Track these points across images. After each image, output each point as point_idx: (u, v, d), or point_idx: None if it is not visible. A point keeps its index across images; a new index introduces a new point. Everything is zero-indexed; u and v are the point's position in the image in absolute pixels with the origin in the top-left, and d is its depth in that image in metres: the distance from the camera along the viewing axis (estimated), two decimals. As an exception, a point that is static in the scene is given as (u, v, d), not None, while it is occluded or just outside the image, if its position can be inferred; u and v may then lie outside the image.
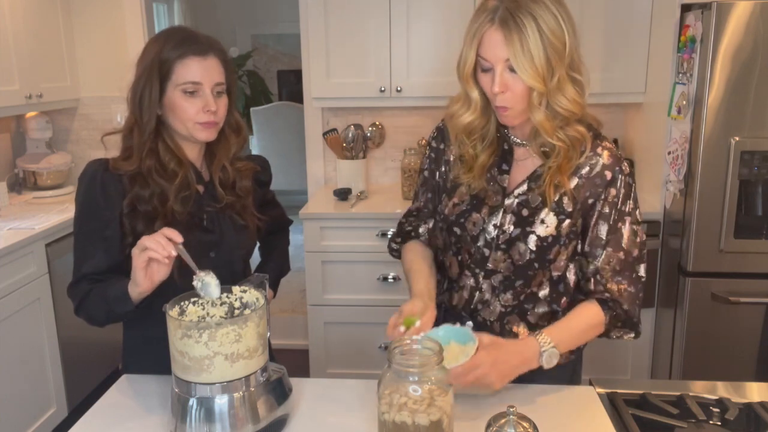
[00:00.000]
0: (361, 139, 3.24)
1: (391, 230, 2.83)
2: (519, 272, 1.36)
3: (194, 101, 1.37)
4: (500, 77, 1.24)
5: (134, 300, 1.29)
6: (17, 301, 2.55)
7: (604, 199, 1.32)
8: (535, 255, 1.33)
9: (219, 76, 1.40)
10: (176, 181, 1.39)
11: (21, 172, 3.36)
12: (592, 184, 1.32)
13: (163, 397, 1.32)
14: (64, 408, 2.83)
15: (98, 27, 3.43)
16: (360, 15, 2.93)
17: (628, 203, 1.34)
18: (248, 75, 6.82)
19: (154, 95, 1.37)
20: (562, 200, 1.32)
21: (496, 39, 1.22)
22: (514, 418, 0.99)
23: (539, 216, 1.32)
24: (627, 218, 1.33)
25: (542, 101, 1.25)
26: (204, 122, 1.38)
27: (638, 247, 1.34)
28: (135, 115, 1.39)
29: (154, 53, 1.37)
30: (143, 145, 1.39)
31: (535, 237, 1.32)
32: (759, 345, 2.48)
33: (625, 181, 1.33)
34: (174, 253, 1.21)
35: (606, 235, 1.33)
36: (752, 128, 2.36)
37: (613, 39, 2.84)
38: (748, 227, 2.42)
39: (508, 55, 1.21)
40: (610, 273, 1.33)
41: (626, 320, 1.36)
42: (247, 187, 1.52)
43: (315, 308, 2.97)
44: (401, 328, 1.25)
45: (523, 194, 1.34)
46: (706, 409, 1.27)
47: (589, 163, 1.33)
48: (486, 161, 1.37)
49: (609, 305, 1.34)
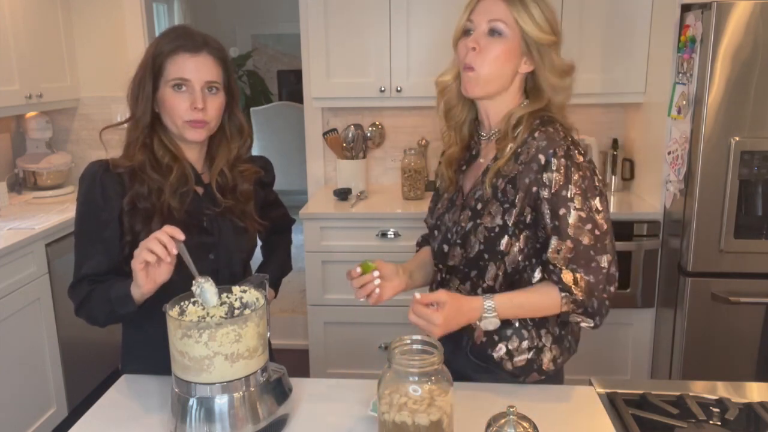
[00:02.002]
0: (361, 139, 3.24)
1: (392, 230, 2.84)
2: (471, 264, 1.35)
3: (183, 98, 1.36)
4: (477, 33, 1.29)
5: (137, 301, 1.29)
6: (17, 301, 2.54)
7: (542, 184, 1.26)
8: (483, 246, 1.32)
9: (211, 75, 1.38)
10: (171, 176, 1.39)
11: (21, 172, 3.36)
12: (529, 170, 1.28)
13: (163, 397, 1.32)
14: (64, 408, 2.83)
15: (98, 27, 3.43)
16: (360, 15, 2.93)
17: (569, 188, 1.25)
18: (248, 75, 6.81)
19: (148, 90, 1.37)
20: (506, 189, 1.30)
21: (487, 3, 1.29)
22: (514, 418, 0.99)
23: (487, 208, 1.32)
24: (570, 204, 1.25)
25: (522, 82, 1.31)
26: (192, 120, 1.37)
27: (590, 236, 1.26)
28: (131, 110, 1.41)
29: (152, 51, 1.39)
30: (136, 140, 1.40)
31: (482, 228, 1.32)
32: (759, 345, 2.48)
33: (562, 163, 1.25)
34: (175, 251, 1.20)
35: (550, 222, 1.27)
36: (752, 128, 2.36)
37: (613, 39, 2.84)
38: (748, 227, 2.42)
39: (502, 16, 1.27)
40: (562, 261, 1.26)
41: (584, 310, 1.29)
42: (248, 191, 1.51)
43: (315, 308, 2.97)
44: (357, 269, 1.33)
45: (479, 189, 1.35)
46: (706, 409, 1.27)
47: (526, 149, 1.29)
48: (455, 155, 1.43)
49: (567, 288, 1.28)
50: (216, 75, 1.39)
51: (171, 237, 1.20)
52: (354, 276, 1.34)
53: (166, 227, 1.22)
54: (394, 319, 2.74)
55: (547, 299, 1.29)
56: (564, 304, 1.28)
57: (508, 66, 1.30)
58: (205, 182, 1.48)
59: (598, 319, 1.30)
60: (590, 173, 1.28)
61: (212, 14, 7.02)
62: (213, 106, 1.39)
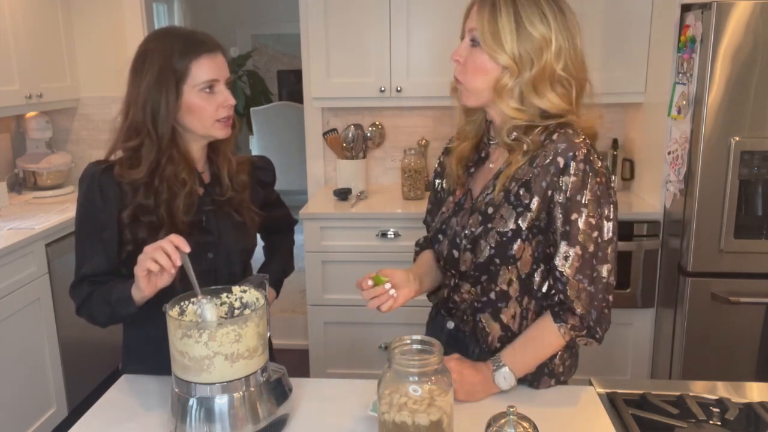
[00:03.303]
0: (361, 139, 3.24)
1: (392, 230, 2.84)
2: (481, 268, 1.33)
3: (213, 99, 1.38)
4: (460, 46, 1.30)
5: (137, 303, 1.29)
6: (17, 301, 2.54)
7: (558, 188, 1.24)
8: (494, 251, 1.30)
9: (228, 71, 1.42)
10: (185, 190, 1.38)
11: (21, 172, 3.36)
12: (546, 173, 1.25)
13: (163, 397, 1.32)
14: (64, 408, 2.83)
15: (98, 27, 3.43)
16: (360, 15, 2.93)
17: (584, 193, 1.23)
18: (248, 75, 6.81)
19: (172, 103, 1.35)
20: (519, 192, 1.28)
21: (473, 11, 1.28)
22: (514, 418, 0.99)
23: (499, 212, 1.30)
24: (583, 210, 1.23)
25: (513, 92, 1.27)
26: (223, 118, 1.40)
27: (595, 244, 1.24)
28: (147, 126, 1.36)
29: (163, 60, 1.35)
30: (160, 155, 1.37)
31: (494, 232, 1.29)
32: (759, 345, 2.48)
33: (580, 168, 1.22)
34: (179, 263, 1.20)
35: (561, 226, 1.24)
36: (752, 128, 2.36)
37: (613, 39, 2.84)
38: (748, 227, 2.42)
39: (475, 25, 1.26)
40: (570, 270, 1.24)
41: (587, 328, 1.27)
42: (244, 181, 1.52)
43: (315, 308, 2.97)
44: (369, 282, 1.30)
45: (489, 193, 1.33)
46: (706, 409, 1.27)
47: (543, 152, 1.26)
48: (465, 151, 1.41)
49: (561, 316, 1.27)
50: (229, 71, 1.43)
51: (176, 247, 1.20)
52: (365, 288, 1.31)
53: (172, 237, 1.21)
54: (394, 319, 2.74)
55: (548, 334, 1.29)
56: (564, 334, 1.28)
57: (493, 74, 1.26)
58: (206, 182, 1.49)
59: (599, 332, 1.28)
60: (606, 180, 1.26)
61: (212, 14, 7.02)
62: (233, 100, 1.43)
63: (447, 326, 1.43)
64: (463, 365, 1.30)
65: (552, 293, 1.30)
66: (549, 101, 1.25)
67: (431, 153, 3.33)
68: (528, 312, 1.34)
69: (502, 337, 1.35)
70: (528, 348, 1.30)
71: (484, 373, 1.30)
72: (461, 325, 1.41)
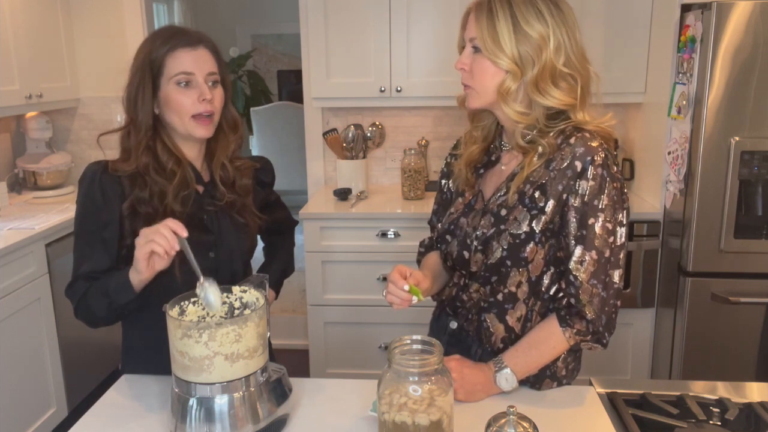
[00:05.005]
0: (361, 139, 3.24)
1: (392, 230, 2.84)
2: (491, 269, 1.33)
3: (189, 93, 1.37)
4: (463, 54, 1.31)
5: (135, 288, 1.28)
6: (17, 301, 2.54)
7: (575, 191, 1.24)
8: (506, 252, 1.30)
9: (211, 66, 1.40)
10: (175, 181, 1.39)
11: (21, 172, 3.36)
12: (563, 176, 1.25)
13: (163, 397, 1.32)
14: (64, 408, 2.83)
15: (98, 27, 3.43)
16: (360, 15, 2.93)
17: (601, 198, 1.23)
18: (248, 75, 6.81)
19: (148, 93, 1.37)
20: (534, 195, 1.28)
21: (471, 19, 1.29)
22: (514, 418, 0.99)
23: (512, 213, 1.30)
24: (600, 215, 1.23)
25: (518, 94, 1.27)
26: (200, 114, 1.38)
27: (610, 249, 1.25)
28: (130, 115, 1.40)
29: (145, 53, 1.38)
30: (139, 144, 1.39)
31: (507, 234, 1.29)
32: (759, 345, 2.48)
33: (598, 173, 1.23)
34: (177, 248, 1.20)
35: (576, 231, 1.25)
36: (752, 128, 2.36)
37: (613, 39, 2.84)
38: (748, 227, 2.42)
39: (475, 33, 1.26)
40: (584, 274, 1.25)
41: (593, 333, 1.27)
42: (247, 185, 1.52)
43: (315, 308, 2.97)
44: (406, 287, 1.28)
45: (502, 195, 1.33)
46: (706, 409, 1.28)
47: (560, 155, 1.26)
48: (474, 155, 1.41)
49: (567, 320, 1.27)
50: (215, 66, 1.41)
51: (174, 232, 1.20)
52: (399, 287, 1.29)
53: (168, 221, 1.21)
54: (394, 319, 2.75)
55: (551, 337, 1.29)
56: (569, 338, 1.28)
57: (497, 79, 1.27)
58: (205, 180, 1.49)
59: (606, 337, 1.29)
60: (621, 185, 1.27)
61: (212, 14, 7.02)
62: (217, 97, 1.41)
63: (450, 326, 1.43)
64: (464, 365, 1.31)
65: (560, 296, 1.30)
66: (553, 98, 1.26)
67: (431, 153, 3.33)
68: (532, 314, 1.34)
69: (505, 338, 1.35)
70: (531, 351, 1.30)
71: (485, 374, 1.30)
72: (465, 324, 1.41)
